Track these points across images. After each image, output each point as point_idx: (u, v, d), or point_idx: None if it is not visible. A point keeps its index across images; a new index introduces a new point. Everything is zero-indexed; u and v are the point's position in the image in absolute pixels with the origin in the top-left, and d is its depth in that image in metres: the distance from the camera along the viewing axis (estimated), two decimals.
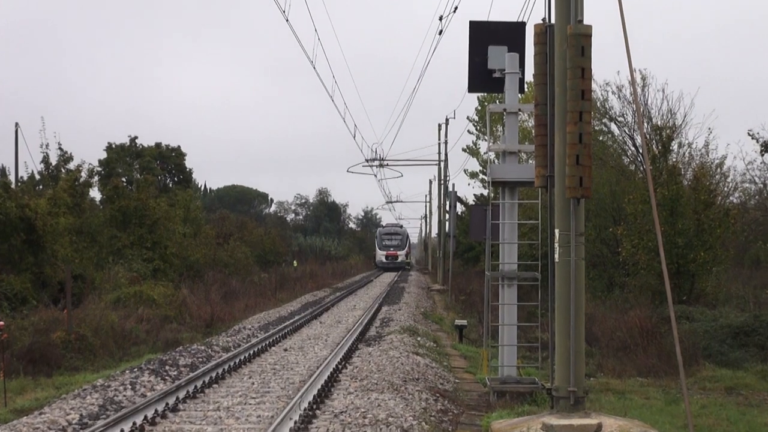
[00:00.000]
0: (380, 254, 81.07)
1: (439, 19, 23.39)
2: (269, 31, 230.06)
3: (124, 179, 47.32)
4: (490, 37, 14.94)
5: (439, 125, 59.01)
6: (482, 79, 15.04)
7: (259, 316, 27.74)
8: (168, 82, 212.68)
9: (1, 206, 24.35)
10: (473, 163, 55.20)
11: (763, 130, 24.84)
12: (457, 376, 16.42)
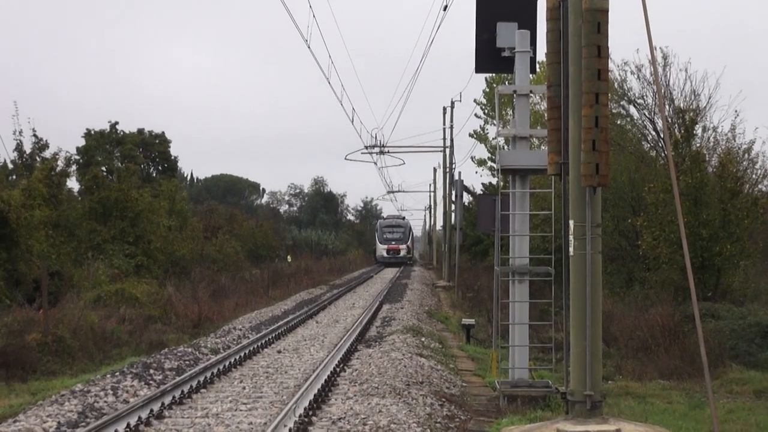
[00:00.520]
0: (381, 248, 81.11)
1: None
2: (260, 7, 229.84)
3: (104, 168, 47.31)
4: (498, 13, 14.90)
5: (444, 109, 58.95)
6: (490, 58, 15.01)
7: (251, 316, 27.78)
8: (150, 63, 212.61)
9: None
10: (481, 150, 55.21)
11: None
12: (464, 380, 16.44)
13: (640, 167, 29.99)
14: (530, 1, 15.23)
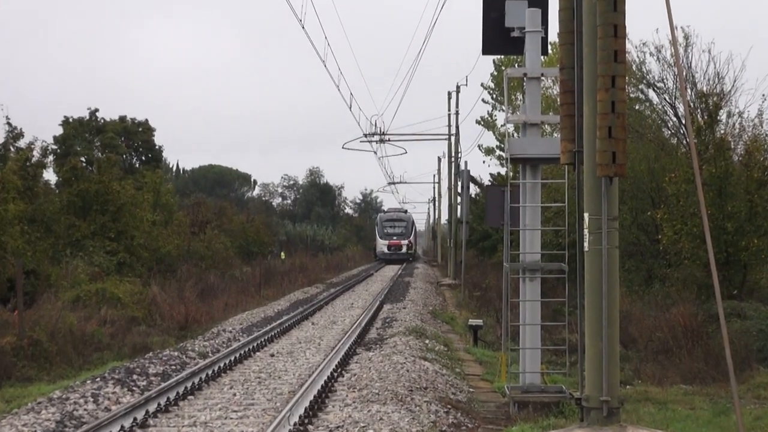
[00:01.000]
0: (381, 244, 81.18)
1: None
2: None
3: (83, 159, 47.39)
4: None
5: (449, 93, 59.08)
6: (499, 39, 15.01)
7: (242, 317, 27.81)
8: (133, 45, 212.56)
9: None
10: (489, 138, 55.46)
11: None
12: (471, 385, 16.47)
13: (660, 156, 29.98)
14: None
